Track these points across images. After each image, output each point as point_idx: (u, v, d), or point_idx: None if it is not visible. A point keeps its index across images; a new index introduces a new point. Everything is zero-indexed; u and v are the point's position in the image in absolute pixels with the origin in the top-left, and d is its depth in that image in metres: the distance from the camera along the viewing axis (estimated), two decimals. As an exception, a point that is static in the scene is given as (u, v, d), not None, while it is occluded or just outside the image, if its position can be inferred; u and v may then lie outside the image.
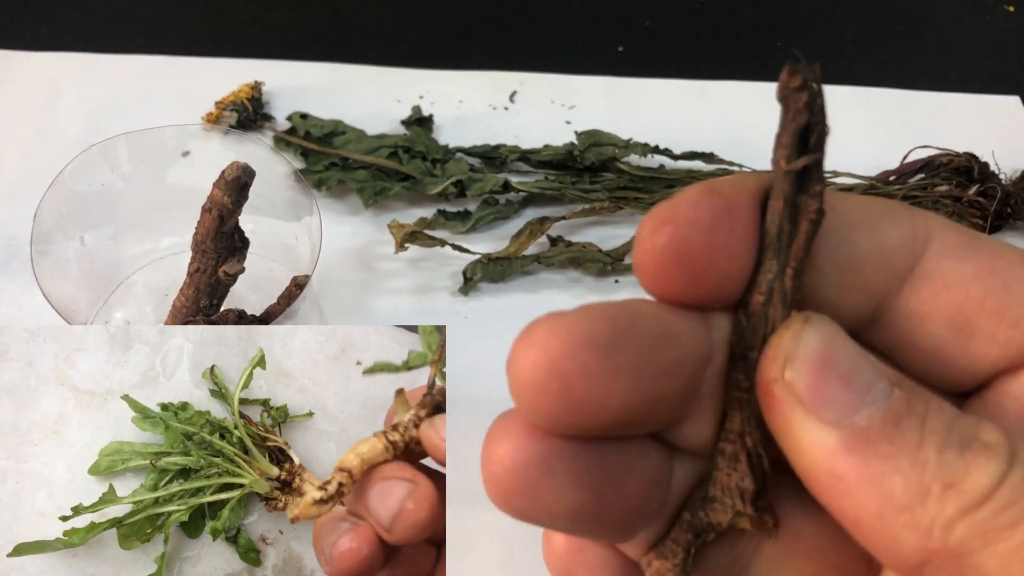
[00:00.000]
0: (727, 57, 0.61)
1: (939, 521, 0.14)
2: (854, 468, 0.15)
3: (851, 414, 0.15)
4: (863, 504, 0.15)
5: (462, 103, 0.56)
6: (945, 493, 0.14)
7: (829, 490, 0.15)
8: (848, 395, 0.15)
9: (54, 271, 0.36)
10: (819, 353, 0.15)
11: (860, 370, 0.15)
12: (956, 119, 0.57)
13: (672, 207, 0.16)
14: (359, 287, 0.47)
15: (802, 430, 0.15)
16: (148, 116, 0.52)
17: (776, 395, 0.16)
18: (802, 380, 0.15)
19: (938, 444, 0.14)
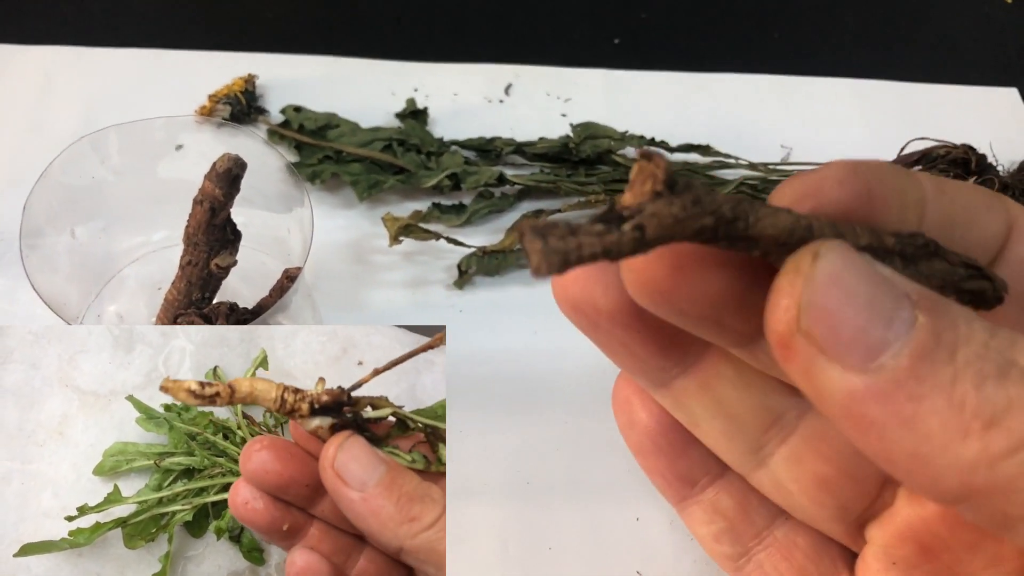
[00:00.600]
0: (724, 50, 0.61)
1: (983, 459, 0.13)
2: (886, 412, 0.14)
3: (876, 355, 0.14)
4: (898, 445, 0.14)
5: (457, 96, 0.56)
6: (988, 431, 0.13)
7: (861, 434, 0.14)
8: (870, 335, 0.14)
9: (44, 265, 0.35)
10: (834, 296, 0.14)
11: (879, 301, 0.14)
12: (954, 111, 0.57)
13: (816, 183, 0.16)
14: (353, 281, 0.46)
15: (826, 378, 0.14)
16: (141, 109, 0.51)
17: (794, 347, 0.15)
18: (819, 328, 0.14)
19: (974, 377, 0.13)
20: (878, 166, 0.17)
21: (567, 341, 0.45)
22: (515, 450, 0.41)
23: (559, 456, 0.41)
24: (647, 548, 0.38)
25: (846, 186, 0.16)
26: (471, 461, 0.40)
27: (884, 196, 0.17)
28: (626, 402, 0.23)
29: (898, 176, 0.17)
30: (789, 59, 0.60)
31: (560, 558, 0.38)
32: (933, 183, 0.18)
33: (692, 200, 0.15)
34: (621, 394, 0.23)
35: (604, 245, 0.14)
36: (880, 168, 0.17)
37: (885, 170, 0.17)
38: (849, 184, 0.16)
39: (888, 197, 0.17)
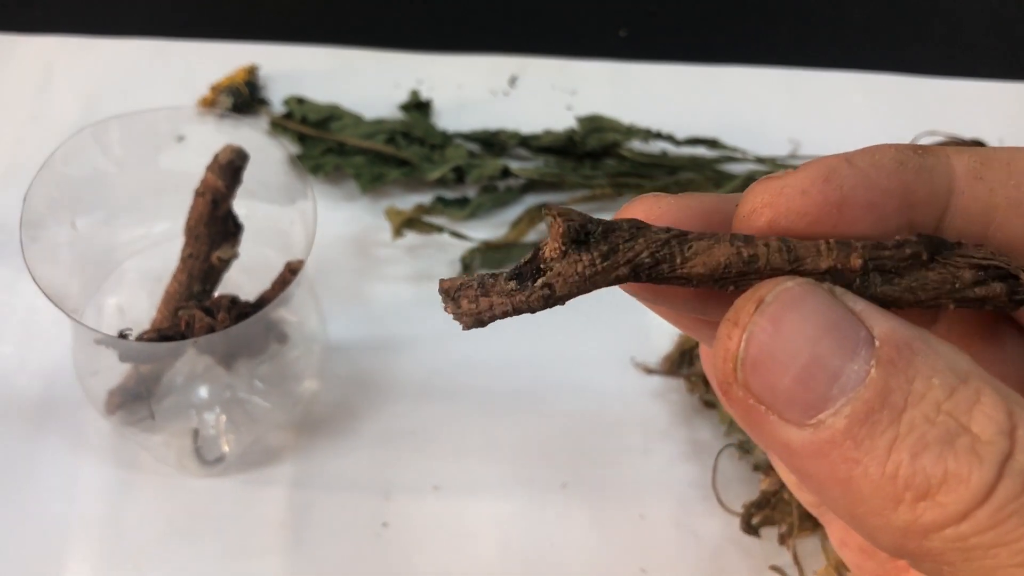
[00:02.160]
0: (731, 42, 0.60)
1: (915, 530, 0.13)
2: (821, 471, 0.13)
3: (816, 412, 0.13)
4: (836, 503, 0.13)
5: (461, 88, 0.55)
6: (919, 504, 0.12)
7: (803, 482, 0.14)
8: (809, 392, 0.13)
9: (45, 256, 0.35)
10: (771, 348, 0.13)
11: (827, 356, 0.13)
12: (964, 105, 0.56)
13: (777, 190, 0.15)
14: (356, 274, 0.46)
15: (767, 429, 0.14)
16: (143, 100, 0.51)
17: (733, 397, 0.14)
18: (755, 382, 0.14)
19: (913, 445, 0.13)
20: (868, 166, 0.15)
21: (572, 338, 0.44)
22: (518, 447, 0.41)
23: (563, 453, 0.40)
24: (652, 546, 0.38)
25: (810, 196, 0.15)
26: (475, 456, 0.40)
27: (870, 201, 0.15)
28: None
29: (899, 173, 0.15)
30: (798, 52, 0.59)
31: (564, 555, 0.38)
32: (969, 168, 0.15)
33: (603, 254, 0.14)
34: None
35: (514, 304, 0.15)
36: (871, 168, 0.15)
37: (877, 170, 0.15)
38: (815, 194, 0.15)
39: (878, 202, 0.15)
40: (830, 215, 0.15)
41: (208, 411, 0.39)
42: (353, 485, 0.39)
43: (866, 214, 0.15)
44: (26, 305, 0.43)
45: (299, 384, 0.41)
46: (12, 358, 0.42)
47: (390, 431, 0.41)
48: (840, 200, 0.15)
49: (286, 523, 0.38)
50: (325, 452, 0.40)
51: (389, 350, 0.43)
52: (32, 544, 0.37)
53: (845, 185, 0.15)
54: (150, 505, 0.38)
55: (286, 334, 0.38)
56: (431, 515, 0.38)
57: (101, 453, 0.39)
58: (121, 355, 0.35)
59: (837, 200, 0.15)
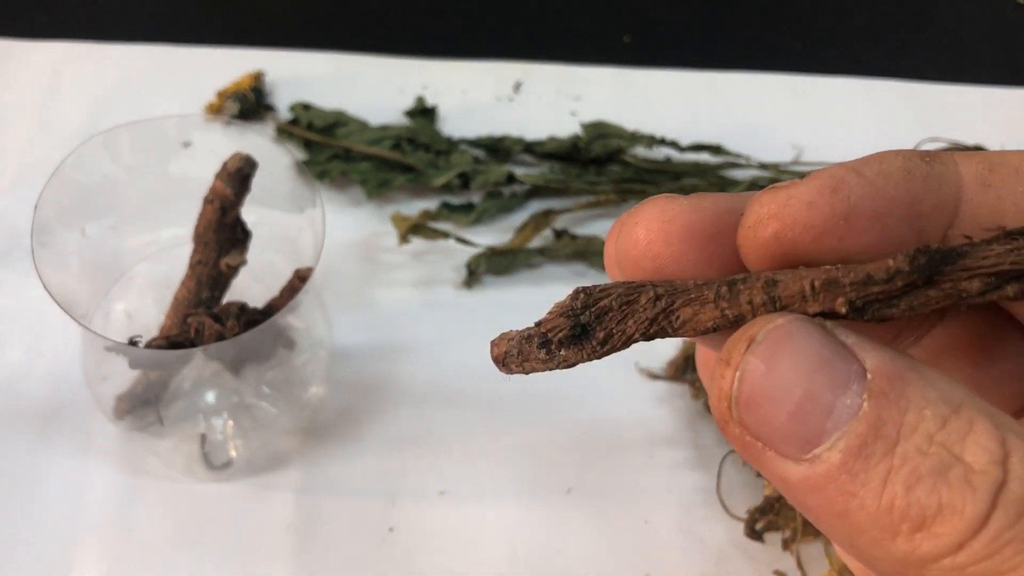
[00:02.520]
0: (735, 48, 0.60)
1: (913, 560, 0.13)
2: (818, 504, 0.14)
3: (811, 447, 0.13)
4: (836, 535, 0.14)
5: (466, 94, 0.55)
6: (915, 535, 0.13)
7: (805, 515, 0.14)
8: (804, 428, 0.13)
9: (55, 262, 0.35)
10: (764, 386, 0.14)
11: (819, 391, 0.13)
12: (965, 111, 0.57)
13: (784, 201, 0.15)
14: (361, 279, 0.46)
15: (766, 464, 0.14)
16: (150, 106, 0.51)
17: (730, 433, 0.14)
18: (750, 419, 0.14)
19: (907, 477, 0.13)
20: (875, 176, 0.15)
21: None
22: (523, 452, 0.41)
23: (568, 458, 0.41)
24: (656, 551, 0.38)
25: (817, 208, 0.15)
26: (481, 462, 0.40)
27: (877, 212, 0.15)
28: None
29: (907, 182, 0.15)
30: (801, 58, 0.59)
31: (569, 561, 0.38)
32: (977, 175, 0.15)
33: (600, 341, 0.16)
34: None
35: (549, 367, 0.17)
36: (878, 178, 0.15)
37: (884, 179, 0.15)
38: (822, 206, 0.15)
39: (885, 212, 0.15)
40: (837, 227, 0.15)
41: (216, 416, 0.39)
42: (359, 490, 0.39)
43: (873, 224, 0.15)
44: (35, 311, 0.43)
45: (306, 389, 0.41)
46: (21, 363, 0.42)
47: (396, 436, 0.41)
48: (847, 212, 0.15)
49: (293, 528, 0.38)
50: (332, 457, 0.40)
51: (395, 355, 0.44)
52: (41, 548, 0.37)
53: (852, 196, 0.15)
54: (158, 509, 0.38)
55: (293, 340, 0.39)
56: (437, 520, 0.39)
57: (109, 458, 0.39)
58: (131, 362, 0.36)
59: (844, 212, 0.15)
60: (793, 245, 0.15)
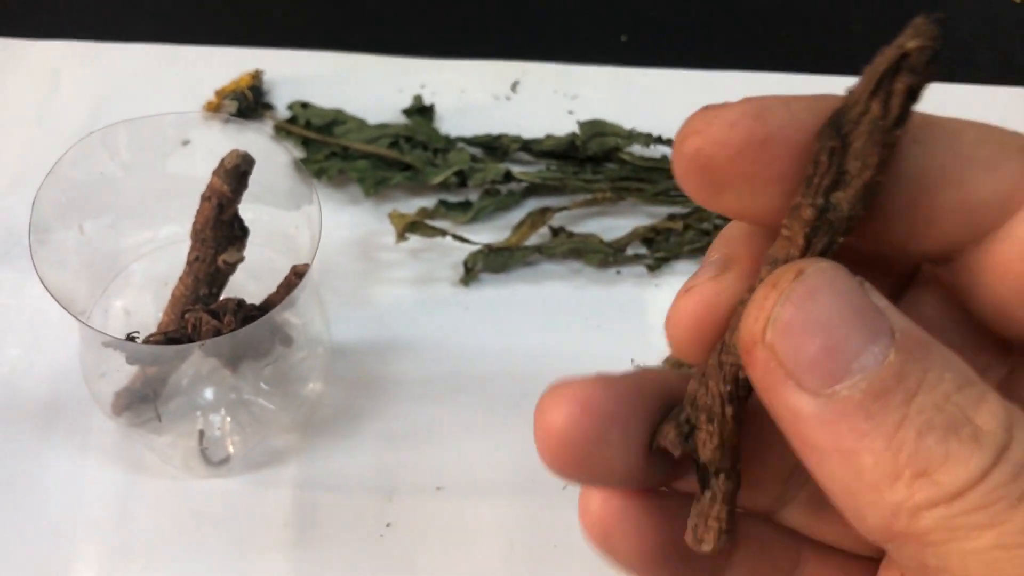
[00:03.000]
0: (732, 48, 0.61)
1: (906, 506, 0.13)
2: (827, 440, 0.14)
3: (833, 382, 0.14)
4: (834, 475, 0.14)
5: (464, 93, 0.56)
6: (916, 481, 0.13)
7: (804, 457, 0.15)
8: (831, 363, 0.14)
9: (53, 260, 0.35)
10: (805, 315, 0.14)
11: (852, 333, 0.14)
12: (962, 110, 0.56)
13: (708, 119, 0.16)
14: (359, 277, 0.47)
15: (781, 394, 0.14)
16: (149, 105, 0.51)
17: (756, 356, 0.15)
18: (783, 344, 0.14)
19: (920, 426, 0.13)
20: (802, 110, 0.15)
21: (574, 339, 0.45)
22: (521, 448, 0.41)
23: (564, 454, 0.41)
24: (652, 546, 0.38)
25: (737, 129, 0.15)
26: (478, 458, 0.41)
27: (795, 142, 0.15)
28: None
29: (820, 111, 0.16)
30: (797, 57, 0.60)
31: (566, 556, 0.38)
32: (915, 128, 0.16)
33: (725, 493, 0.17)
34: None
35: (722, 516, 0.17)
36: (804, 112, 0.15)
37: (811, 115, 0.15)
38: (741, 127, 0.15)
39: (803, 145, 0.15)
40: (752, 149, 0.15)
41: (214, 413, 0.40)
42: (357, 486, 0.40)
43: (787, 153, 0.15)
44: (34, 308, 0.44)
45: (304, 386, 0.41)
46: (20, 360, 0.42)
47: (394, 432, 0.41)
48: (765, 136, 0.15)
49: (291, 523, 0.38)
50: (329, 453, 0.40)
51: (393, 352, 0.44)
52: (39, 543, 0.37)
53: (772, 123, 0.15)
54: (156, 505, 0.38)
55: (291, 336, 0.39)
56: (434, 516, 0.39)
57: (107, 454, 0.40)
58: (128, 357, 0.36)
59: (762, 136, 0.15)
60: (711, 161, 0.16)
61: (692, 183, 0.16)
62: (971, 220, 0.16)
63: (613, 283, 0.47)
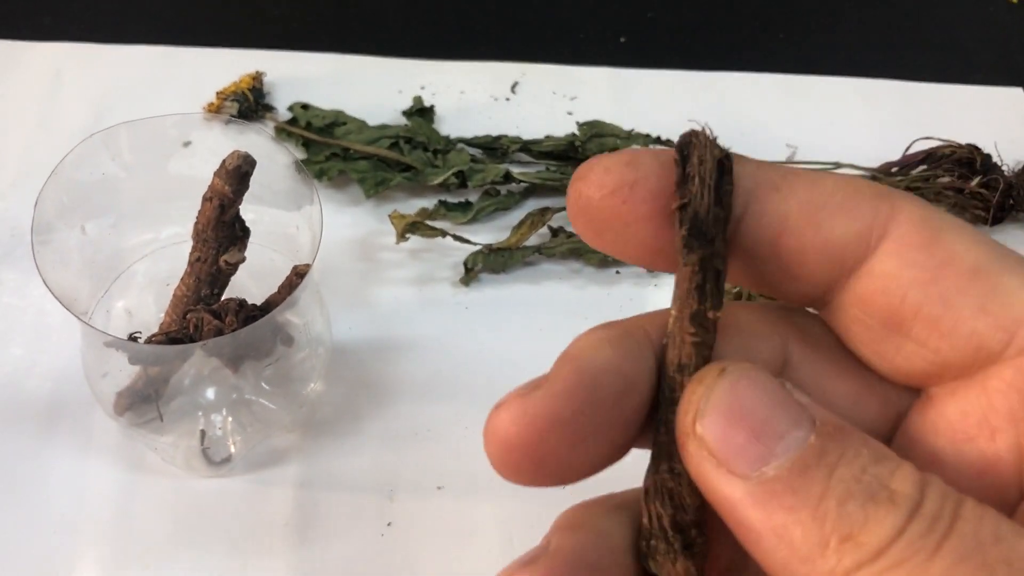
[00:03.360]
0: (729, 48, 0.61)
1: (837, 572, 0.14)
2: (759, 519, 0.15)
3: (760, 465, 0.15)
4: (770, 553, 0.15)
5: (463, 94, 0.56)
6: (842, 545, 0.14)
7: (744, 540, 0.15)
8: (757, 447, 0.15)
9: (55, 260, 0.36)
10: (729, 407, 0.15)
11: (774, 420, 0.15)
12: (959, 111, 0.57)
13: (589, 166, 0.17)
14: (360, 277, 0.47)
15: (714, 481, 0.15)
16: (150, 106, 0.51)
17: (688, 449, 0.16)
18: (711, 434, 0.15)
19: (841, 495, 0.14)
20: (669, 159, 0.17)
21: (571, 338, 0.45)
22: (520, 446, 0.41)
23: (564, 452, 0.41)
24: (651, 544, 0.39)
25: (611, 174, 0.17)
26: (476, 457, 0.41)
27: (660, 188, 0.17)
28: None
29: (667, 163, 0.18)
30: (795, 58, 0.60)
31: (565, 553, 0.38)
32: (770, 180, 0.17)
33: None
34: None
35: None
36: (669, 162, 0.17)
37: (658, 159, 0.17)
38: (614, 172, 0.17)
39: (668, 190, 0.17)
40: (623, 191, 0.17)
41: (215, 412, 0.40)
42: (358, 485, 0.40)
43: (655, 196, 0.17)
44: (36, 308, 0.44)
45: (305, 386, 0.41)
46: (22, 360, 0.42)
47: (394, 432, 0.41)
48: (634, 180, 0.17)
49: (292, 523, 0.38)
50: (330, 453, 0.41)
51: (393, 352, 0.44)
52: (41, 543, 0.37)
53: (641, 169, 0.17)
54: (158, 505, 0.39)
55: (292, 337, 0.39)
56: (435, 515, 0.39)
57: (110, 454, 0.40)
58: (130, 357, 0.36)
59: (631, 180, 0.17)
60: (590, 202, 0.17)
61: (579, 224, 0.18)
62: (832, 259, 0.17)
63: (612, 283, 0.48)
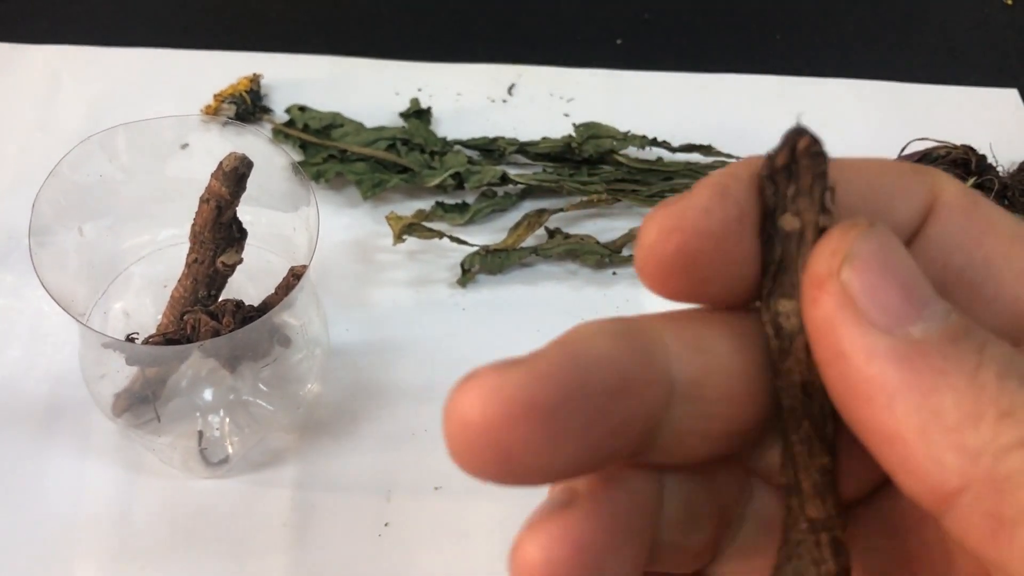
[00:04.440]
0: (725, 50, 0.61)
1: (991, 448, 0.13)
2: (902, 377, 0.13)
3: (906, 324, 0.14)
4: (906, 418, 0.13)
5: (460, 96, 0.56)
6: (1002, 420, 0.13)
7: (868, 400, 0.14)
8: (905, 305, 0.14)
9: (53, 262, 0.36)
10: (881, 256, 0.14)
11: (919, 284, 0.14)
12: (954, 112, 0.57)
13: (680, 213, 0.15)
14: (357, 279, 0.47)
15: (849, 332, 0.14)
16: (148, 109, 0.52)
17: (828, 291, 0.14)
18: (859, 280, 0.14)
19: (998, 371, 0.13)
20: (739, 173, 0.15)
21: (569, 339, 0.45)
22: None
23: (561, 453, 0.41)
24: (648, 544, 0.39)
25: (713, 214, 0.15)
26: (474, 457, 0.41)
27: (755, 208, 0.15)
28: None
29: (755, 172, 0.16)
30: (791, 60, 0.60)
31: (562, 553, 0.38)
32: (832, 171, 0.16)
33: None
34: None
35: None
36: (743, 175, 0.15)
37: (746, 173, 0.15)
38: (716, 211, 0.15)
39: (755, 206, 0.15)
40: (734, 230, 0.15)
41: (213, 414, 0.40)
42: (355, 486, 0.40)
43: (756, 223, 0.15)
44: (34, 310, 0.44)
45: (302, 387, 0.42)
46: (21, 362, 0.42)
47: (391, 433, 0.41)
48: (740, 213, 0.15)
49: (289, 523, 0.39)
50: (328, 454, 0.41)
51: (390, 353, 0.44)
52: (39, 544, 0.37)
53: (740, 198, 0.15)
54: (155, 506, 0.39)
55: (289, 337, 0.39)
56: (432, 515, 0.39)
57: (107, 455, 0.40)
58: (128, 358, 0.36)
59: (737, 214, 0.15)
60: (696, 256, 0.15)
61: (675, 283, 0.15)
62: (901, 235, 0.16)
63: (609, 284, 0.48)
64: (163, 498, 0.39)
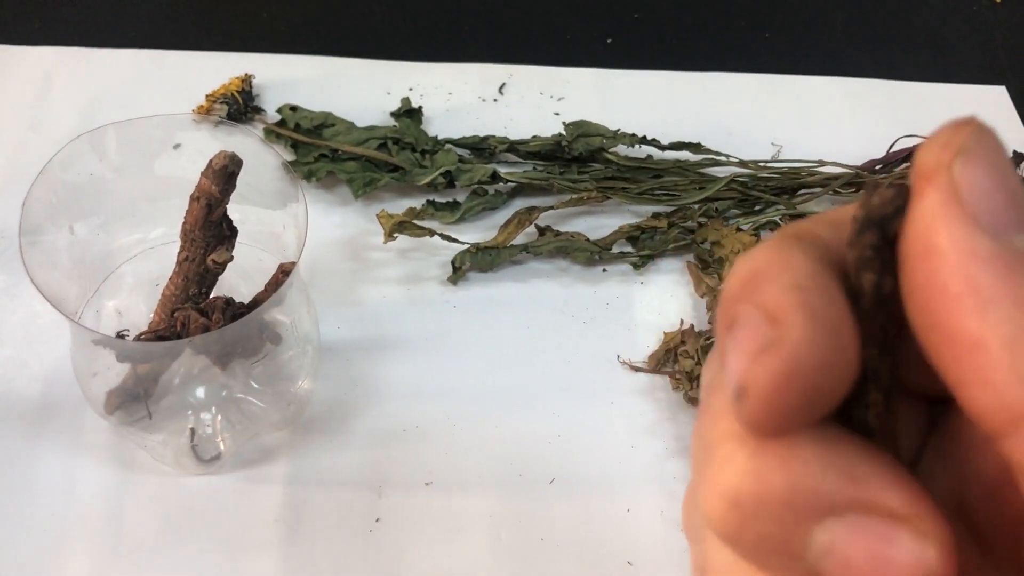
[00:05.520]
0: (715, 49, 0.61)
1: None
2: (1000, 284, 0.13)
3: (1011, 232, 0.13)
4: (995, 327, 0.13)
5: (451, 95, 0.56)
6: None
7: (956, 301, 0.13)
8: (1011, 212, 0.13)
9: (44, 261, 0.36)
10: (994, 157, 0.13)
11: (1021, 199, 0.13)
12: (943, 109, 0.58)
13: (779, 342, 0.14)
14: (349, 277, 0.47)
15: (951, 228, 0.13)
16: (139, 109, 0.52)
17: (935, 184, 0.13)
18: (971, 178, 0.13)
19: None
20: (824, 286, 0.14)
21: (560, 337, 0.45)
22: (507, 444, 0.42)
23: (551, 448, 0.41)
24: (638, 539, 0.39)
25: (817, 344, 0.14)
26: (466, 453, 0.41)
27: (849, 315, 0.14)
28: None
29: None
30: (780, 58, 0.61)
31: (552, 549, 0.39)
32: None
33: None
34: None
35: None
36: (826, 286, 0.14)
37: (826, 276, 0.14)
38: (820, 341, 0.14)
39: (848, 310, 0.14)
40: (839, 357, 0.14)
41: (204, 411, 0.40)
42: (347, 482, 0.40)
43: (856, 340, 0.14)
44: (26, 309, 0.44)
45: (293, 384, 0.42)
46: (12, 360, 0.43)
47: (382, 429, 0.42)
48: (840, 345, 0.14)
49: (281, 520, 0.39)
50: (319, 450, 0.41)
51: (381, 350, 0.44)
52: (32, 541, 0.38)
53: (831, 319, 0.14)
54: (148, 503, 0.39)
55: (279, 335, 0.39)
56: (423, 511, 0.39)
57: (100, 452, 0.40)
58: (119, 355, 0.36)
59: (839, 345, 0.14)
60: (818, 389, 0.14)
61: (795, 421, 0.14)
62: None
63: (599, 281, 0.48)
64: (155, 495, 0.39)
